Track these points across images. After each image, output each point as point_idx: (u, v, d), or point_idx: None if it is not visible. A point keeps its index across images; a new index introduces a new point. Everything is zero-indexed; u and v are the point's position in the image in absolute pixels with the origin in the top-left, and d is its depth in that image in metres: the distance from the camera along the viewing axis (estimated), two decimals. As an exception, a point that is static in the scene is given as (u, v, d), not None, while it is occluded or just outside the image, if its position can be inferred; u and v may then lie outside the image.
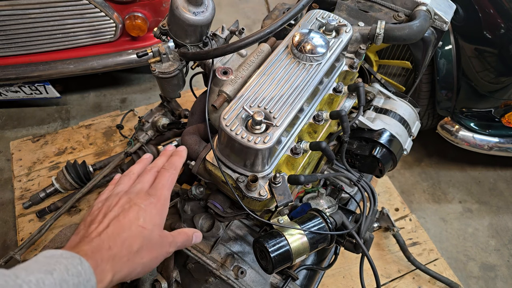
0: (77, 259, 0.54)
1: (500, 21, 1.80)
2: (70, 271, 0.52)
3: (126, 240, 0.62)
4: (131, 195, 0.70)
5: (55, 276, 0.50)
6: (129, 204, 0.67)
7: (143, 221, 0.66)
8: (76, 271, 0.52)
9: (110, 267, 0.59)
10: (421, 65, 1.40)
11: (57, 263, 0.52)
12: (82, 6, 1.96)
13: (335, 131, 1.23)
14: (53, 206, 1.90)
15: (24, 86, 2.24)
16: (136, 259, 0.63)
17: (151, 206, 0.68)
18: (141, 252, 0.64)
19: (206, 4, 1.04)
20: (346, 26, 1.09)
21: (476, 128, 2.14)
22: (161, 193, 0.72)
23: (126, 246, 0.62)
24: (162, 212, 0.70)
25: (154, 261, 0.67)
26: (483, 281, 2.04)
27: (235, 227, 1.22)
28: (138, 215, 0.66)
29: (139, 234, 0.64)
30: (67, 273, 0.51)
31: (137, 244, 0.63)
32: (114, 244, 0.61)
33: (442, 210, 2.31)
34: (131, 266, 0.62)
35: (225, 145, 0.92)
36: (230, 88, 1.02)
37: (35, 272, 0.49)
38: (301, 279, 1.26)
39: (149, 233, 0.66)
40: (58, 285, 0.49)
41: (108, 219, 0.64)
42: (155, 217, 0.68)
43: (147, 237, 0.65)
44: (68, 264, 0.52)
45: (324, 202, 1.22)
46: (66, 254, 0.54)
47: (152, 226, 0.66)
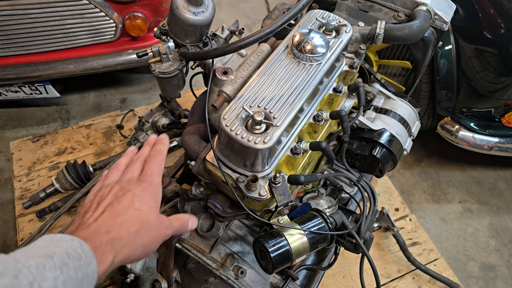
0: (77, 242, 0.54)
1: (500, 21, 1.80)
2: (70, 254, 0.51)
3: (124, 223, 0.62)
4: (123, 183, 0.70)
5: (55, 260, 0.49)
6: (122, 191, 0.68)
7: (139, 204, 0.66)
8: (76, 254, 0.52)
9: (110, 248, 0.59)
10: (421, 65, 1.40)
11: (56, 246, 0.51)
12: (82, 6, 1.96)
13: (335, 131, 1.23)
14: (53, 206, 1.90)
15: (24, 86, 2.24)
16: (136, 240, 0.63)
17: (144, 191, 0.69)
18: (140, 233, 0.64)
19: (206, 4, 1.04)
20: (346, 26, 1.09)
21: (476, 128, 2.14)
22: (152, 178, 0.73)
23: (124, 228, 0.62)
24: (156, 196, 0.71)
25: (154, 242, 0.68)
26: (483, 281, 2.04)
27: (235, 227, 1.22)
28: (132, 200, 0.66)
29: (136, 216, 0.65)
30: (67, 256, 0.51)
31: (135, 226, 0.63)
32: (112, 228, 0.61)
33: (442, 210, 2.31)
34: (132, 247, 0.63)
35: (225, 145, 0.92)
36: (230, 88, 1.02)
37: (35, 256, 0.48)
38: (301, 279, 1.26)
39: (146, 215, 0.66)
40: (58, 269, 0.48)
41: (103, 206, 0.65)
42: (150, 200, 0.69)
43: (144, 219, 0.65)
44: (68, 248, 0.52)
45: (324, 202, 1.22)
46: (65, 238, 0.54)
47: (148, 208, 0.67)
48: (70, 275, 0.49)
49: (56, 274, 0.48)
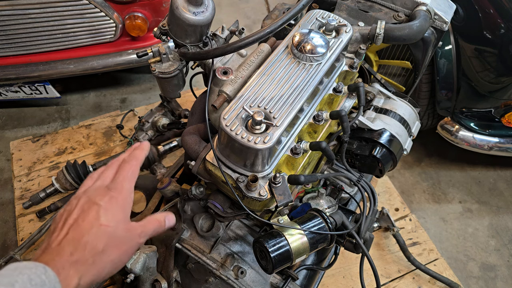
0: (41, 268, 0.53)
1: (500, 21, 1.80)
2: (33, 281, 0.51)
3: (88, 243, 0.60)
4: (90, 193, 0.67)
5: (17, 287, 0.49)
6: (88, 204, 0.65)
7: (105, 219, 0.63)
8: (40, 280, 0.51)
9: (74, 271, 0.57)
10: (421, 65, 1.40)
11: (20, 274, 0.51)
12: (82, 6, 1.96)
13: (335, 131, 1.23)
14: (53, 206, 1.90)
15: (24, 86, 2.24)
16: (103, 258, 0.62)
17: (111, 201, 0.66)
18: (107, 251, 0.62)
19: (206, 4, 1.04)
20: (346, 26, 1.09)
21: (476, 128, 2.14)
22: (122, 185, 0.70)
23: (89, 249, 0.60)
24: (125, 206, 0.68)
25: (124, 256, 0.65)
26: (483, 281, 2.04)
27: (235, 227, 1.22)
28: (98, 215, 0.63)
29: (101, 233, 0.62)
30: (30, 283, 0.50)
31: (101, 243, 0.61)
32: (75, 249, 0.60)
33: (442, 210, 2.31)
34: (99, 266, 0.61)
35: (225, 145, 0.92)
36: (230, 88, 1.02)
37: None
38: (301, 279, 1.26)
39: (113, 230, 0.64)
40: None
41: (68, 226, 0.63)
42: (117, 212, 0.66)
43: (111, 235, 0.63)
44: (32, 274, 0.51)
45: (324, 202, 1.22)
46: (29, 265, 0.53)
47: (115, 222, 0.64)
48: None
49: None
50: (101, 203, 0.65)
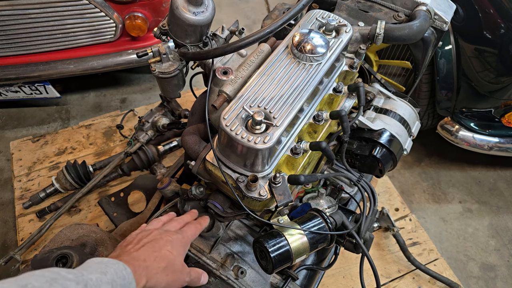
0: (122, 265, 0.67)
1: (500, 21, 1.80)
2: (118, 274, 0.65)
3: (157, 258, 0.78)
4: (161, 231, 0.88)
5: (108, 276, 0.62)
6: (160, 235, 0.85)
7: (171, 248, 0.82)
8: (122, 274, 0.66)
9: (145, 274, 0.73)
10: (421, 65, 1.40)
11: (107, 267, 0.65)
12: (82, 6, 1.96)
13: (335, 131, 1.23)
14: (53, 206, 1.90)
15: (24, 86, 2.24)
16: (163, 275, 0.77)
17: (177, 239, 0.86)
18: (166, 270, 0.78)
19: (206, 4, 1.04)
20: (346, 26, 1.09)
21: (476, 128, 2.14)
22: (186, 234, 0.91)
23: (157, 262, 0.77)
24: (185, 247, 0.88)
25: (175, 283, 0.81)
26: (483, 281, 2.04)
27: (235, 227, 1.22)
28: (166, 243, 0.83)
29: (166, 256, 0.80)
30: (116, 275, 0.64)
31: (164, 263, 0.78)
32: (148, 258, 0.77)
33: (442, 210, 2.31)
34: (159, 279, 0.76)
35: (225, 145, 0.92)
36: (230, 88, 1.02)
37: (93, 272, 0.62)
38: (301, 279, 1.26)
39: (174, 258, 0.81)
40: (110, 284, 0.62)
41: (143, 243, 0.81)
42: (179, 248, 0.85)
43: (172, 261, 0.80)
44: (116, 269, 0.66)
45: (324, 202, 1.22)
46: (112, 261, 0.67)
47: (177, 253, 0.83)
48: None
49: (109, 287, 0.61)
50: (170, 238, 0.85)
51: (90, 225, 1.23)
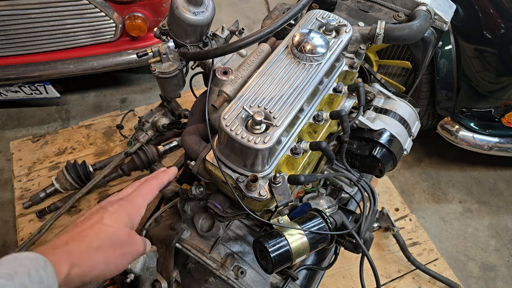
0: (42, 261, 0.53)
1: (500, 21, 1.80)
2: (32, 277, 0.51)
3: (85, 237, 0.62)
4: (102, 203, 0.71)
5: (16, 281, 0.49)
6: (96, 209, 0.68)
7: (108, 220, 0.66)
8: (38, 276, 0.51)
9: (65, 260, 0.58)
10: (421, 65, 1.40)
11: (20, 265, 0.51)
12: (82, 6, 1.96)
13: (335, 131, 1.23)
14: (53, 206, 1.90)
15: (24, 86, 2.24)
16: (97, 255, 0.62)
17: (119, 207, 0.69)
18: (102, 249, 0.63)
19: (206, 4, 1.04)
20: (346, 26, 1.09)
21: (476, 128, 2.13)
22: (134, 198, 0.73)
23: (85, 243, 0.62)
24: (132, 214, 0.70)
25: (120, 260, 0.66)
26: (483, 281, 2.04)
27: (235, 227, 1.22)
28: (102, 216, 0.66)
29: (101, 231, 0.64)
30: (29, 278, 0.50)
31: (97, 241, 0.63)
32: (72, 240, 0.61)
33: (442, 210, 2.31)
34: (91, 262, 0.61)
35: (225, 145, 0.92)
36: (230, 88, 1.02)
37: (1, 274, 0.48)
38: (301, 279, 1.26)
39: (114, 231, 0.65)
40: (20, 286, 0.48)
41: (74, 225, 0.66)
42: (122, 217, 0.68)
43: (111, 235, 0.65)
44: (31, 268, 0.51)
45: (324, 202, 1.22)
46: (31, 256, 0.54)
47: (118, 225, 0.66)
48: None
49: None
50: (109, 208, 0.68)
51: (90, 225, 1.23)
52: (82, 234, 0.63)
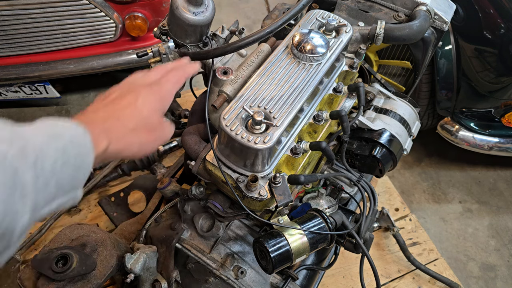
0: (81, 130, 0.55)
1: (500, 21, 1.80)
2: (73, 141, 0.52)
3: (121, 118, 0.64)
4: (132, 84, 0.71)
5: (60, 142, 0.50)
6: (128, 90, 0.68)
7: (141, 103, 0.67)
8: (78, 142, 0.53)
9: (104, 136, 0.59)
10: (421, 65, 1.40)
11: (63, 128, 0.53)
12: (82, 6, 1.96)
13: (335, 131, 1.23)
14: (53, 206, 1.90)
15: (24, 86, 2.24)
16: (132, 136, 0.64)
17: (151, 92, 0.69)
18: (137, 131, 0.65)
19: (206, 4, 1.04)
20: (346, 26, 1.09)
21: (476, 128, 2.14)
22: (163, 84, 0.72)
23: (121, 122, 0.63)
24: (162, 100, 0.71)
25: (152, 143, 0.69)
26: (483, 281, 2.04)
27: (235, 227, 1.22)
28: (136, 99, 0.67)
29: (135, 114, 0.65)
30: (71, 142, 0.52)
31: (132, 122, 0.64)
32: (108, 118, 0.62)
33: (442, 210, 2.31)
34: (127, 141, 0.64)
35: (225, 145, 0.92)
36: (230, 88, 1.02)
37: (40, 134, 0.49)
38: (301, 279, 1.26)
39: (147, 115, 0.67)
40: (60, 151, 0.49)
41: (105, 102, 0.66)
42: (154, 103, 0.69)
43: (144, 119, 0.67)
44: (73, 133, 0.53)
45: (324, 202, 1.22)
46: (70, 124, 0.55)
47: (150, 110, 0.68)
48: (69, 160, 0.50)
49: (58, 155, 0.48)
50: (141, 91, 0.68)
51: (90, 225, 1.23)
52: (118, 113, 0.64)
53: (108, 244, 1.16)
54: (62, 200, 0.51)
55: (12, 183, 0.42)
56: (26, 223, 0.45)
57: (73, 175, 0.52)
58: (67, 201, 0.53)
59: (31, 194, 0.45)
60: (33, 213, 0.46)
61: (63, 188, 0.50)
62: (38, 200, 0.46)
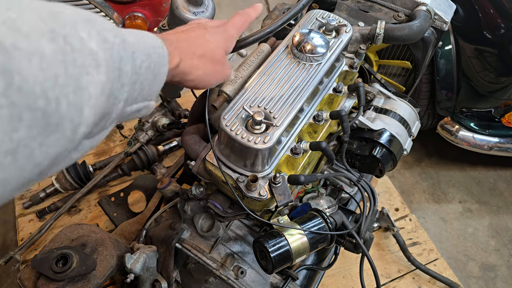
0: (160, 42, 0.59)
1: (500, 21, 1.80)
2: (155, 50, 0.56)
3: (192, 44, 0.70)
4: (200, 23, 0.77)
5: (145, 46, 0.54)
6: (198, 26, 0.76)
7: (209, 37, 0.73)
8: (158, 52, 0.57)
9: (177, 53, 0.65)
10: (421, 65, 1.40)
11: (146, 36, 0.57)
12: (82, 6, 1.96)
13: (335, 131, 1.23)
14: (53, 206, 1.90)
15: (24, 86, 2.23)
16: (199, 61, 0.70)
17: (217, 31, 0.76)
18: (203, 59, 0.71)
19: (206, 4, 1.04)
20: (346, 26, 1.09)
21: (476, 128, 2.13)
22: (228, 27, 0.80)
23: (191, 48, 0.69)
24: (227, 40, 0.79)
25: (215, 74, 0.75)
26: (483, 281, 2.04)
27: (235, 227, 1.22)
28: (204, 33, 0.74)
29: (203, 44, 0.72)
30: (153, 49, 0.56)
31: (200, 50, 0.71)
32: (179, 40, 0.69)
33: (442, 210, 2.31)
34: (195, 64, 0.69)
35: (225, 145, 0.92)
36: (230, 88, 1.02)
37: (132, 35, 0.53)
38: (301, 279, 1.26)
39: (213, 48, 0.73)
40: (146, 54, 0.53)
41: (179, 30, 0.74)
42: (220, 40, 0.76)
43: (210, 50, 0.73)
44: (154, 43, 0.57)
45: (324, 202, 1.22)
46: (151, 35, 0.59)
47: (216, 44, 0.74)
48: (151, 66, 0.55)
49: (144, 57, 0.53)
50: (209, 28, 0.76)
51: (90, 225, 1.23)
52: (189, 40, 0.70)
53: (108, 244, 1.16)
54: (140, 105, 0.56)
55: (118, 70, 0.46)
56: (119, 111, 0.50)
57: (151, 82, 0.56)
58: (143, 108, 0.58)
59: (127, 86, 0.49)
60: (124, 105, 0.51)
61: (144, 92, 0.55)
62: (129, 94, 0.51)
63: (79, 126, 0.41)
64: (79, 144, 0.45)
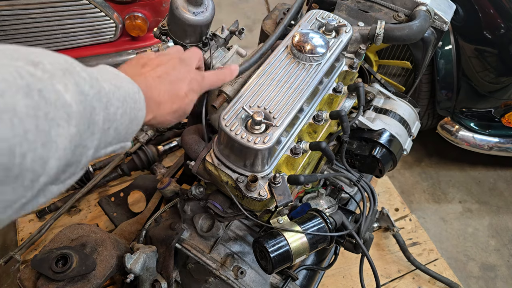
0: (136, 88, 0.60)
1: (500, 21, 1.80)
2: (130, 95, 0.57)
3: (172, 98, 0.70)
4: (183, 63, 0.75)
5: (121, 92, 0.55)
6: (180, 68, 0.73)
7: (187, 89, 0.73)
8: (134, 97, 0.58)
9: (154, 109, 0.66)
10: (421, 65, 1.40)
11: (122, 81, 0.57)
12: (82, 6, 1.96)
13: (335, 131, 1.23)
14: (53, 206, 1.90)
15: (24, 86, 2.23)
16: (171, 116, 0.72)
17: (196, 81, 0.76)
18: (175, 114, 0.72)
19: (206, 4, 1.04)
20: (346, 26, 1.09)
21: (476, 128, 2.14)
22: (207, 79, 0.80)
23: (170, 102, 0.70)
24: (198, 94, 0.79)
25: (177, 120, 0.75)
26: (483, 281, 2.04)
27: (235, 227, 1.22)
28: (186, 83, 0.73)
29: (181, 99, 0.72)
30: (128, 95, 0.57)
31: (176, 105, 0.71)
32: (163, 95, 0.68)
33: (442, 210, 2.31)
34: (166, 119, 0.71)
35: (224, 145, 0.92)
36: (230, 88, 1.02)
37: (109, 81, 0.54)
38: (301, 279, 1.26)
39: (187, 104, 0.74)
40: (121, 101, 0.54)
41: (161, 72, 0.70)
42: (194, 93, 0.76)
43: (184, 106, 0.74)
44: (130, 88, 0.58)
45: (324, 202, 1.22)
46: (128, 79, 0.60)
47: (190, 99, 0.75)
48: (127, 111, 0.55)
49: (119, 104, 0.53)
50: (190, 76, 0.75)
51: (90, 225, 1.23)
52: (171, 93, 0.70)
53: (108, 244, 1.16)
54: (115, 147, 0.57)
55: (88, 120, 0.47)
56: (90, 158, 0.51)
57: (128, 126, 0.56)
58: (119, 149, 0.59)
59: (98, 134, 0.50)
60: (95, 152, 0.51)
61: (119, 136, 0.55)
62: (101, 140, 0.51)
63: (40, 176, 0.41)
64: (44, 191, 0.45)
